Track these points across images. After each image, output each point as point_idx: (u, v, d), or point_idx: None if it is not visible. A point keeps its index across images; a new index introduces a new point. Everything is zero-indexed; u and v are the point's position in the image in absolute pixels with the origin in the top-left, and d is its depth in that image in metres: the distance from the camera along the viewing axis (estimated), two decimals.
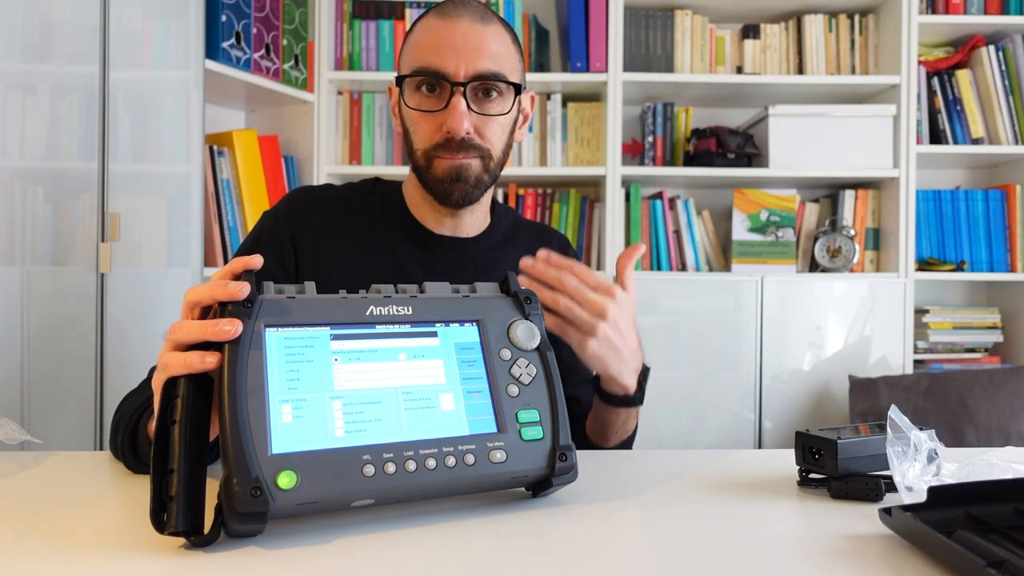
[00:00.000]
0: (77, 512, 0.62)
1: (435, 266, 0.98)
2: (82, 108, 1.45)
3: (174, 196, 1.68)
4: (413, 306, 0.64)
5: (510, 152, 0.98)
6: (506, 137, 0.95)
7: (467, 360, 0.64)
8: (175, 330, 0.59)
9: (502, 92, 0.92)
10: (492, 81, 0.90)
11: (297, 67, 2.06)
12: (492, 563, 0.52)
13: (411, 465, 0.57)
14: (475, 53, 0.88)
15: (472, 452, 0.59)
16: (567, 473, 0.63)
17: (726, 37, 2.28)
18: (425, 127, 0.91)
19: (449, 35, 0.89)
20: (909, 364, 2.14)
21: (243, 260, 0.60)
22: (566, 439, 0.63)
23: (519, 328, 0.66)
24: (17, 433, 0.76)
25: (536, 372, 0.65)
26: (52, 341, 1.40)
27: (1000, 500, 0.57)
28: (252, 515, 0.52)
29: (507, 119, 0.94)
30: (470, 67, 0.88)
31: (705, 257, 2.26)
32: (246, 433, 0.53)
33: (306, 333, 0.59)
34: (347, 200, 1.02)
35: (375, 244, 0.99)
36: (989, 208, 2.25)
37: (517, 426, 0.62)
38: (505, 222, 1.07)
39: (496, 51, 0.90)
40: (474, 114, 0.90)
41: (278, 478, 0.52)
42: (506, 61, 0.91)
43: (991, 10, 2.22)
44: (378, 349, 0.61)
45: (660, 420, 2.10)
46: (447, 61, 0.88)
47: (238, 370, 0.55)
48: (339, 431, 0.57)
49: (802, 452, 0.71)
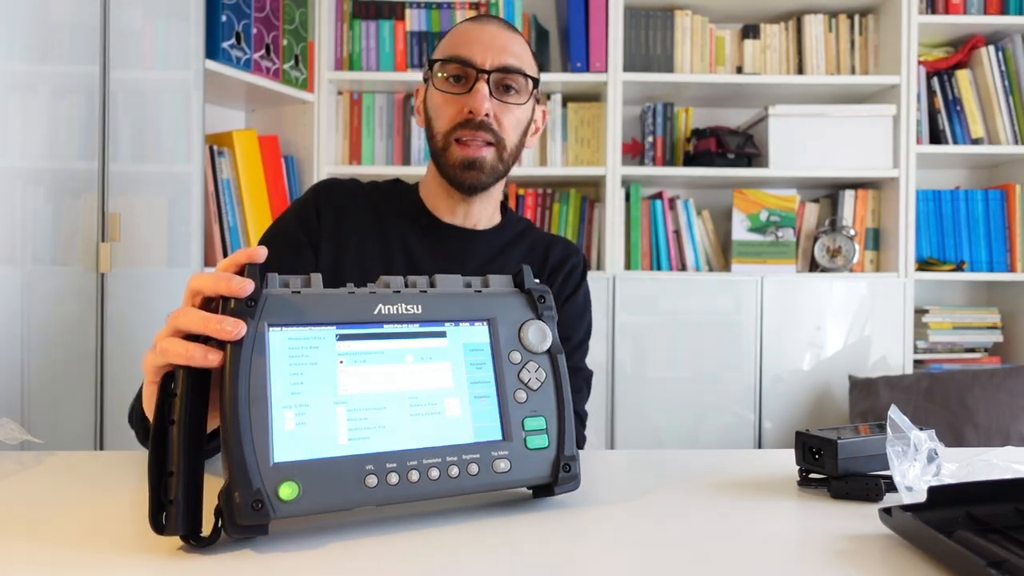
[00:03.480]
0: (77, 512, 0.62)
1: (440, 250, 1.05)
2: (82, 108, 1.45)
3: (174, 196, 1.68)
4: (423, 303, 0.62)
5: (521, 151, 1.06)
6: (520, 133, 1.03)
7: (475, 363, 0.63)
8: (177, 316, 0.58)
9: (520, 89, 1.01)
10: (513, 73, 0.99)
11: (297, 67, 2.06)
12: (492, 563, 0.52)
13: (414, 475, 0.56)
14: (500, 50, 0.99)
15: (476, 462, 0.59)
16: (570, 483, 0.63)
17: (726, 37, 2.28)
18: (448, 109, 0.99)
19: (479, 33, 1.00)
20: (909, 364, 2.14)
21: (247, 252, 0.59)
22: (571, 449, 0.63)
23: (531, 329, 0.65)
24: (17, 433, 0.76)
25: (545, 377, 0.64)
26: (52, 341, 1.39)
27: (1000, 500, 0.57)
28: (252, 528, 0.52)
29: (523, 114, 1.03)
30: (495, 59, 0.98)
31: (705, 257, 2.26)
32: (247, 442, 0.52)
33: (311, 333, 0.58)
34: (368, 194, 1.09)
35: (389, 234, 1.05)
36: (989, 208, 2.25)
37: (523, 434, 0.61)
38: (518, 226, 1.13)
39: (519, 52, 1.01)
40: (494, 100, 0.98)
41: (279, 489, 0.52)
42: (525, 61, 1.02)
43: (991, 10, 2.22)
44: (385, 351, 0.60)
45: (660, 420, 2.10)
46: (475, 52, 0.98)
47: (240, 374, 0.54)
48: (342, 438, 0.56)
49: (802, 452, 0.71)
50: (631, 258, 2.21)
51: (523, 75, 1.00)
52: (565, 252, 1.13)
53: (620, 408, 2.09)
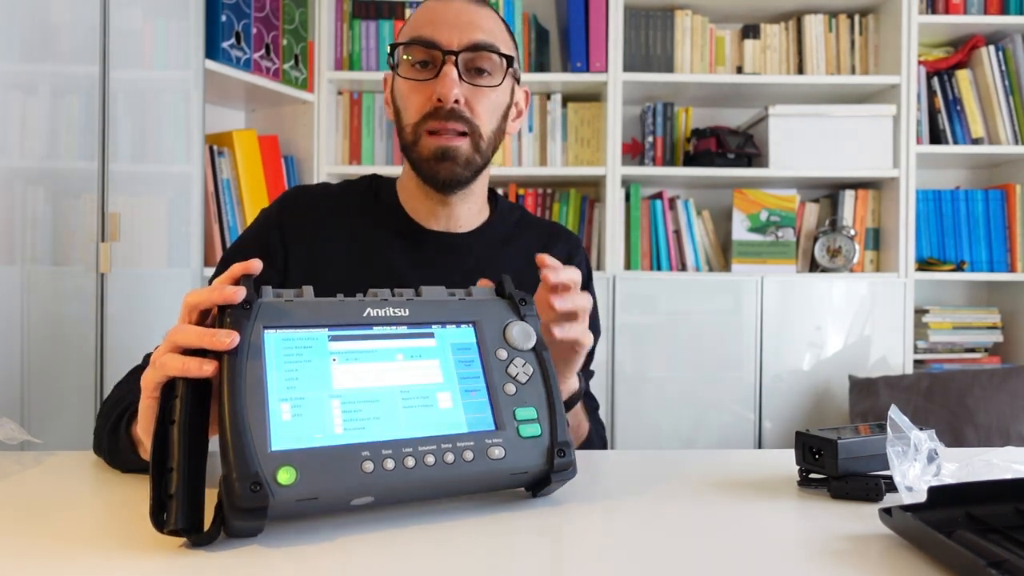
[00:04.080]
0: (77, 512, 0.62)
1: (426, 266, 0.96)
2: (82, 108, 1.45)
3: (174, 196, 1.68)
4: (409, 308, 0.65)
5: (502, 138, 0.96)
6: (497, 119, 0.93)
7: (464, 360, 0.65)
8: (174, 333, 0.60)
9: (494, 70, 0.91)
10: (484, 52, 0.89)
11: (297, 67, 2.06)
12: (492, 562, 0.52)
13: (410, 461, 0.57)
14: (467, 26, 0.89)
15: (471, 448, 0.60)
16: (566, 470, 0.63)
17: (726, 37, 2.28)
18: (415, 99, 0.90)
19: (443, 11, 0.90)
20: (909, 364, 2.14)
21: (243, 265, 0.61)
22: (564, 435, 0.64)
23: (515, 329, 0.67)
24: (17, 433, 0.76)
25: (533, 371, 0.66)
26: (52, 341, 1.39)
27: (1000, 500, 0.57)
28: (252, 510, 0.52)
29: (499, 97, 0.92)
30: (463, 37, 0.88)
31: (705, 257, 2.26)
32: (245, 431, 0.53)
33: (304, 334, 0.60)
34: (340, 198, 1.00)
35: (366, 244, 0.97)
36: (989, 208, 2.25)
37: (515, 423, 0.62)
38: (510, 219, 1.04)
39: (489, 28, 0.90)
40: (465, 84, 0.88)
41: (277, 474, 0.53)
42: (498, 37, 0.91)
43: (991, 10, 2.22)
44: (375, 350, 0.62)
45: (660, 420, 2.10)
46: (439, 32, 0.88)
47: (238, 371, 0.56)
48: (338, 428, 0.57)
49: (802, 452, 0.71)
50: (631, 258, 2.21)
51: (496, 53, 0.89)
52: (567, 251, 1.05)
53: (620, 408, 2.09)
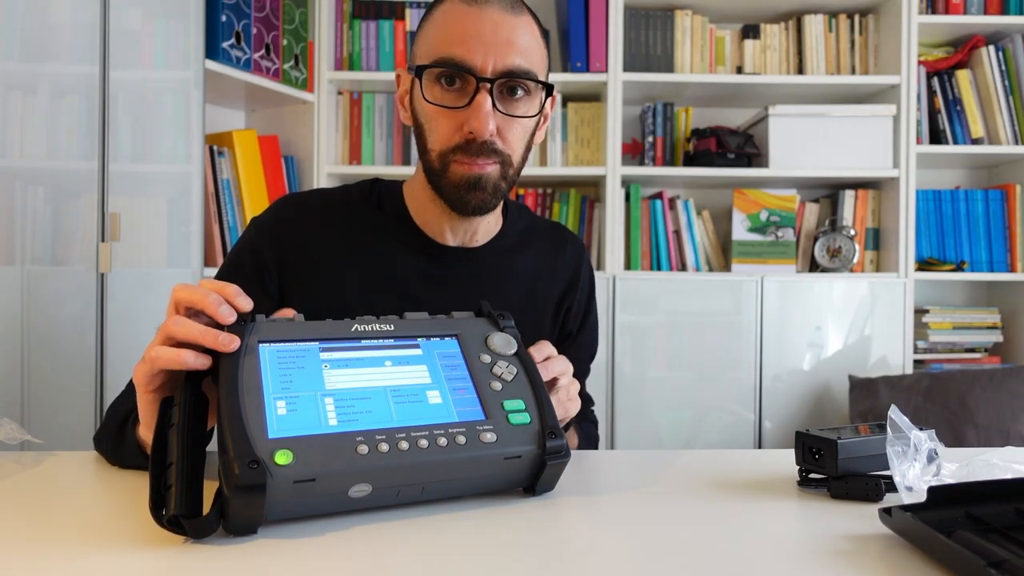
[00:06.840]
0: (77, 512, 0.62)
1: (440, 284, 0.91)
2: (82, 108, 1.45)
3: (174, 196, 1.68)
4: (394, 324, 0.69)
5: (528, 155, 0.88)
6: (527, 140, 0.86)
7: (450, 365, 0.68)
8: (170, 325, 0.60)
9: (530, 92, 0.82)
10: (522, 79, 0.80)
11: (297, 67, 2.06)
12: (491, 561, 0.52)
13: (404, 444, 0.59)
14: (505, 46, 0.78)
15: (463, 434, 0.61)
16: (559, 452, 0.63)
17: (726, 37, 2.28)
18: (444, 125, 0.82)
19: (476, 24, 0.79)
20: (909, 364, 2.14)
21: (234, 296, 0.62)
22: (553, 420, 0.65)
23: (496, 338, 0.70)
24: (17, 433, 0.76)
25: (517, 371, 0.68)
26: (52, 341, 1.39)
27: (1000, 500, 0.57)
28: (251, 488, 0.53)
29: (531, 122, 0.85)
30: (499, 62, 0.78)
31: (705, 257, 2.26)
32: (244, 421, 0.56)
33: (297, 347, 0.64)
34: (338, 207, 0.92)
35: (372, 257, 0.90)
36: (989, 208, 2.25)
37: (504, 412, 0.64)
38: (518, 225, 0.99)
39: (527, 45, 0.81)
40: (498, 114, 0.80)
41: (275, 456, 0.55)
42: (536, 57, 0.82)
43: (991, 10, 2.22)
44: (365, 358, 0.66)
45: (660, 420, 2.10)
46: (474, 53, 0.78)
47: (234, 373, 0.59)
48: (332, 420, 0.59)
49: (802, 452, 0.71)
50: (631, 258, 2.21)
51: (534, 80, 0.81)
52: (575, 258, 1.02)
53: (620, 408, 2.09)
